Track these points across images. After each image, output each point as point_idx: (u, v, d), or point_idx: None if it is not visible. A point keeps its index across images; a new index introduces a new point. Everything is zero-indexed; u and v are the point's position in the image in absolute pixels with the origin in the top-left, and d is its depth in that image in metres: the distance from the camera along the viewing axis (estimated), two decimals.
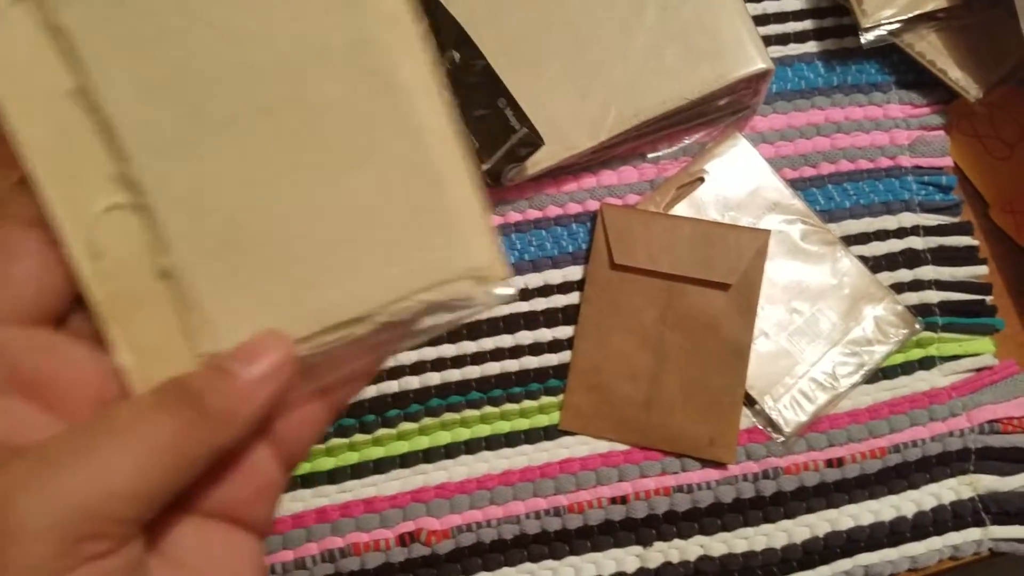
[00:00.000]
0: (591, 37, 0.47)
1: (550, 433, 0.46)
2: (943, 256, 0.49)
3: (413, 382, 0.46)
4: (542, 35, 0.47)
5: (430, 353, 0.47)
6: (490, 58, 0.46)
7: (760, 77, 0.46)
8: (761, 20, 0.52)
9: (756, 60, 0.45)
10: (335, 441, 0.45)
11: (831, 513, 0.45)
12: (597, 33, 0.47)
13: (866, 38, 0.48)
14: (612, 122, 0.46)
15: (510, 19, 0.47)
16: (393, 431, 0.46)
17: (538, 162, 0.46)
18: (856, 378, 0.46)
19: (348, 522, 0.44)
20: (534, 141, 0.45)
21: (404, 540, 0.44)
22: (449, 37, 0.47)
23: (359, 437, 0.45)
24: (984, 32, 0.49)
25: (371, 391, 0.46)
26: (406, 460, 0.45)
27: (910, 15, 0.48)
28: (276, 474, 0.23)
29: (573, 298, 0.48)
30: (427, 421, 0.46)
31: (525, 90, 0.46)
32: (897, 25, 0.48)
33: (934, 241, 0.49)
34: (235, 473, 0.22)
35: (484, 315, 0.47)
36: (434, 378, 0.46)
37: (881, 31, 0.48)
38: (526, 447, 0.46)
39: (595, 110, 0.46)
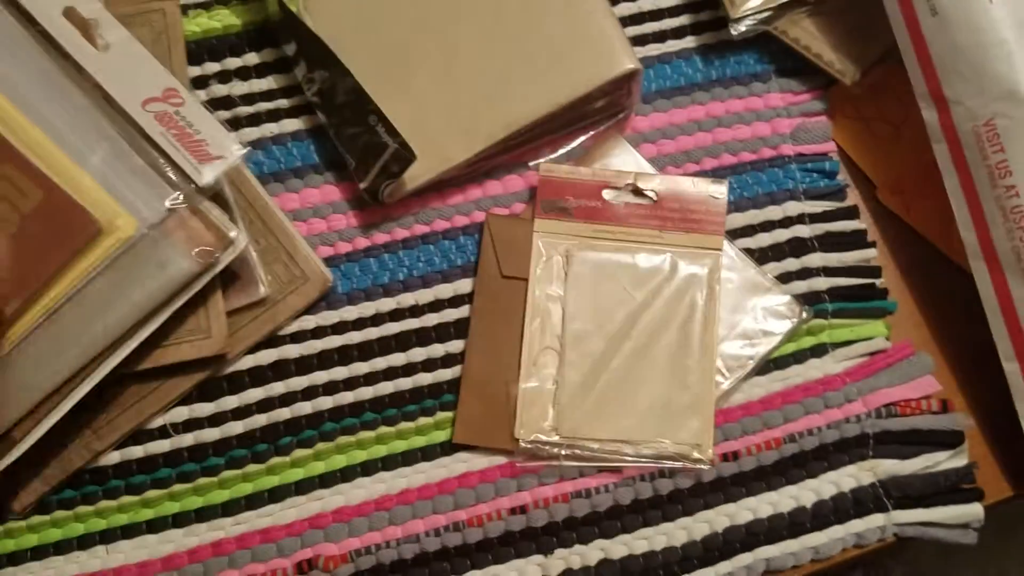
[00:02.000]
0: (458, 48, 0.47)
1: (447, 448, 0.46)
2: (830, 242, 0.49)
3: (305, 407, 0.46)
4: (409, 49, 0.47)
5: (321, 377, 0.46)
6: (358, 75, 0.46)
7: (630, 77, 0.46)
8: (636, 19, 0.51)
9: (624, 61, 0.45)
10: (227, 473, 0.45)
11: (729, 507, 0.45)
12: (464, 43, 0.47)
13: (737, 29, 0.48)
14: (486, 133, 0.46)
15: (376, 36, 0.47)
16: (287, 459, 0.45)
17: (416, 177, 0.46)
18: (747, 370, 0.46)
19: (244, 554, 0.44)
20: (406, 156, 0.45)
21: (302, 568, 0.44)
22: (316, 57, 0.47)
23: (252, 467, 0.45)
24: (856, 14, 0.49)
25: (262, 419, 0.46)
26: (301, 487, 0.45)
27: (779, 2, 0.48)
28: None
29: (465, 311, 0.48)
30: (321, 446, 0.46)
31: (396, 106, 0.46)
32: (767, 13, 0.48)
33: (820, 228, 0.49)
34: None
35: (374, 337, 0.47)
36: (327, 402, 0.46)
37: (751, 21, 0.48)
38: (424, 464, 0.46)
39: (468, 121, 0.46)
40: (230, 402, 0.46)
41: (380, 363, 0.47)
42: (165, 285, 0.40)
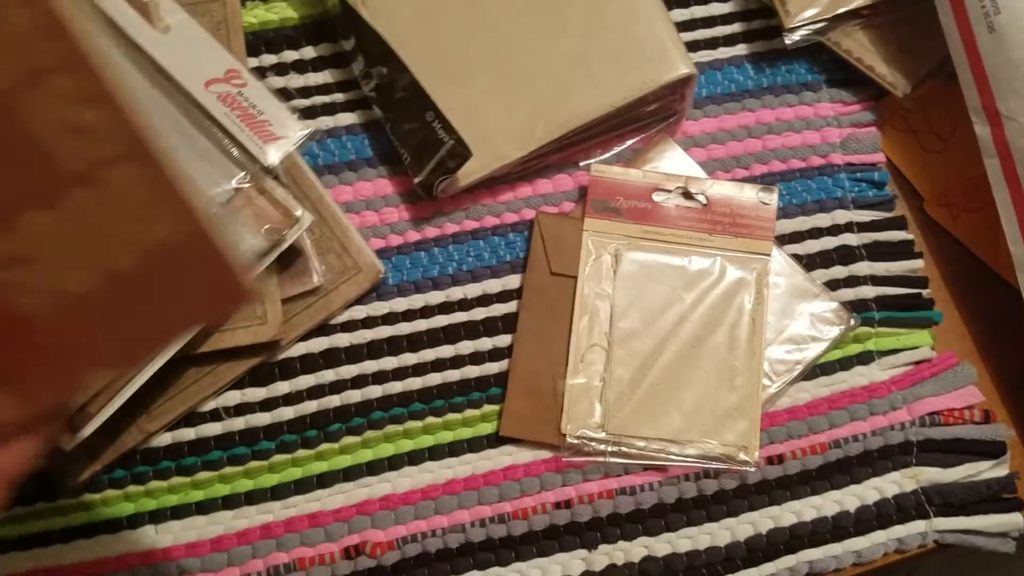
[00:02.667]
0: (516, 47, 0.47)
1: (493, 441, 0.46)
2: (878, 251, 0.49)
3: (355, 396, 0.46)
4: (468, 47, 0.48)
5: (371, 366, 0.47)
6: (417, 72, 0.47)
7: (684, 82, 0.47)
8: (689, 25, 0.52)
9: (679, 65, 0.46)
10: (277, 457, 0.46)
11: (773, 510, 0.45)
12: (522, 43, 0.47)
13: (791, 39, 0.49)
14: (541, 132, 0.46)
15: (435, 33, 0.48)
16: (335, 445, 0.46)
17: (469, 173, 0.47)
18: (793, 375, 0.46)
19: (293, 537, 0.44)
20: (462, 153, 0.45)
21: (349, 553, 0.44)
22: (374, 53, 0.47)
23: (302, 452, 0.46)
24: (910, 27, 0.50)
25: (312, 406, 0.46)
26: (349, 474, 0.46)
27: (834, 13, 0.49)
28: None
29: (512, 307, 0.48)
30: (370, 434, 0.46)
31: (453, 103, 0.47)
32: (822, 24, 0.49)
33: (868, 237, 0.49)
34: None
35: (423, 328, 0.48)
36: (375, 391, 0.47)
37: (805, 31, 0.49)
38: (469, 456, 0.46)
39: (523, 120, 0.47)
40: (281, 388, 0.46)
41: (429, 354, 0.47)
42: None
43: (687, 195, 0.48)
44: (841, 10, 0.48)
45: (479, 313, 0.48)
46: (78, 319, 0.25)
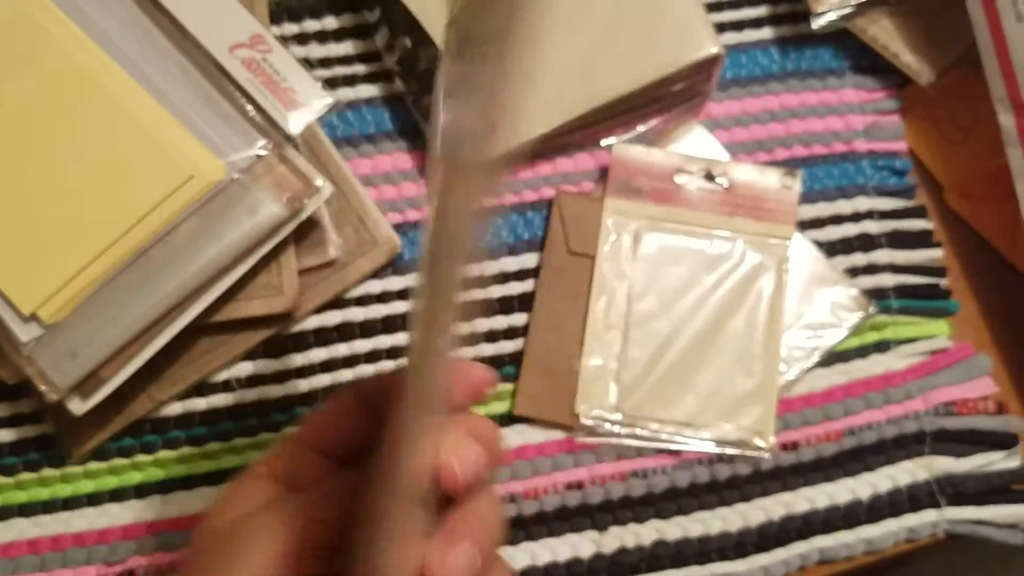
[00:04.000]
0: (543, 22, 0.47)
1: (506, 420, 0.46)
2: (898, 240, 0.49)
3: (368, 370, 0.46)
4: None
5: (385, 341, 0.47)
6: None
7: (712, 62, 0.46)
8: (715, 7, 0.52)
9: (707, 45, 0.46)
10: (289, 430, 0.45)
11: (786, 496, 0.45)
12: (548, 18, 0.47)
13: (818, 23, 0.49)
14: (564, 109, 0.46)
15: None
16: None
17: None
18: (810, 362, 0.46)
19: None
20: None
21: None
22: (400, 24, 0.47)
23: None
24: (936, 16, 0.49)
25: (326, 379, 0.46)
26: None
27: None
28: None
29: (529, 286, 0.48)
30: None
31: None
32: (849, 10, 0.49)
33: (889, 225, 0.49)
34: None
35: None
36: (389, 366, 0.46)
37: (833, 16, 0.48)
38: None
39: (547, 96, 0.46)
40: (295, 360, 0.46)
41: None
42: (255, 229, 0.40)
43: (709, 177, 0.47)
44: None
45: (496, 291, 0.48)
46: None
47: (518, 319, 0.47)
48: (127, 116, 0.41)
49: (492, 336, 0.47)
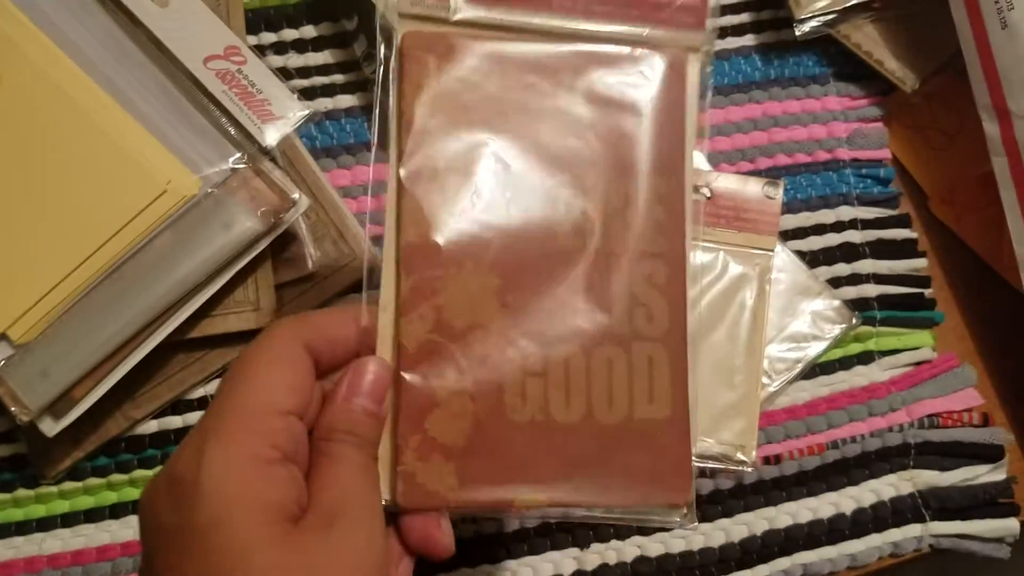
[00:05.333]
0: None
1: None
2: (882, 249, 0.48)
3: None
4: None
5: None
6: None
7: None
8: None
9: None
10: None
11: (769, 511, 0.45)
12: None
13: (801, 29, 0.48)
14: None
15: None
16: None
17: None
18: (793, 374, 0.46)
19: None
20: None
21: None
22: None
23: None
24: (920, 22, 0.49)
25: None
26: None
27: (845, 5, 0.48)
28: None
29: None
30: None
31: None
32: (832, 16, 0.48)
33: (872, 234, 0.49)
34: None
35: None
36: None
37: (816, 22, 0.48)
38: None
39: None
40: None
41: None
42: (230, 244, 0.40)
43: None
44: (852, 2, 0.47)
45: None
46: (545, 444, 0.30)
47: None
48: (100, 130, 0.40)
49: None
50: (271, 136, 0.41)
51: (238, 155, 0.41)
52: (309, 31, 0.50)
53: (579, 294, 0.31)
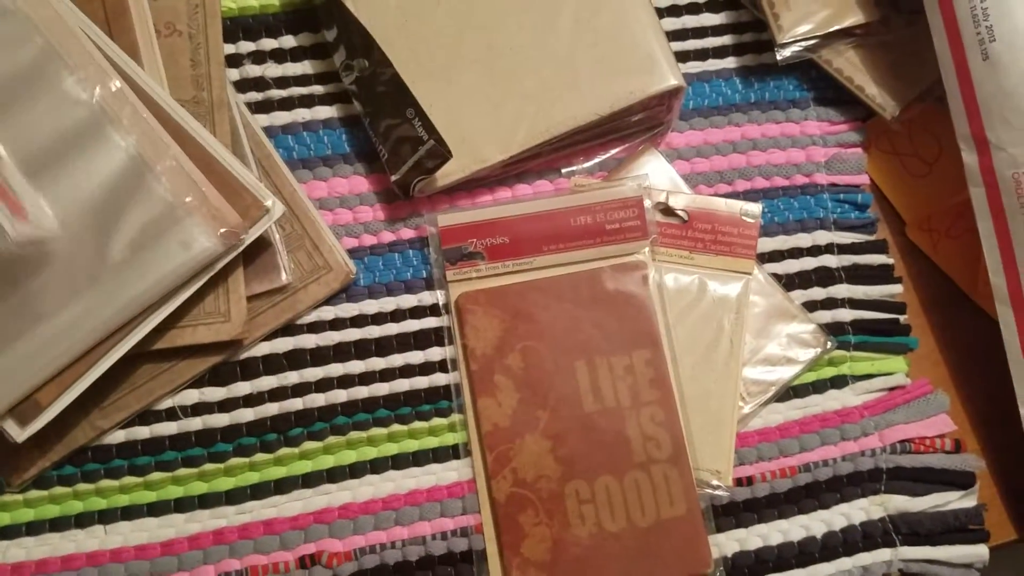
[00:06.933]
0: (505, 47, 0.46)
1: (458, 452, 0.45)
2: (857, 274, 0.49)
3: (318, 399, 0.45)
4: (453, 44, 0.46)
5: (337, 370, 0.46)
6: (399, 67, 0.45)
7: (672, 94, 0.45)
8: (680, 35, 0.51)
9: (668, 77, 0.45)
10: (234, 460, 0.44)
11: (740, 533, 0.45)
12: (511, 44, 0.46)
13: (782, 54, 0.48)
14: (523, 136, 0.45)
15: (421, 28, 0.46)
16: (296, 450, 0.44)
17: (448, 174, 0.45)
18: (767, 396, 0.46)
19: (246, 544, 0.43)
20: (442, 154, 0.44)
21: (305, 563, 0.43)
22: (357, 44, 0.46)
23: (260, 456, 0.44)
24: (901, 50, 0.49)
25: (274, 408, 0.45)
26: (309, 480, 0.44)
27: (827, 31, 0.48)
28: None
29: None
30: (332, 440, 0.45)
31: (435, 100, 0.45)
32: (814, 41, 0.48)
33: (848, 259, 0.49)
34: None
35: (393, 333, 0.46)
36: (340, 395, 0.45)
37: (797, 47, 0.48)
38: (434, 466, 0.45)
39: (507, 123, 0.45)
40: (242, 388, 0.45)
41: (397, 360, 0.46)
42: (188, 264, 0.39)
43: (667, 211, 0.47)
44: (834, 27, 0.48)
45: (451, 319, 0.47)
46: (602, 549, 0.42)
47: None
48: None
49: (446, 365, 0.46)
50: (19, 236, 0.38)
51: None
52: (289, 40, 0.49)
53: (607, 439, 0.43)
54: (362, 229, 0.47)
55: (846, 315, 0.48)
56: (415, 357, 0.46)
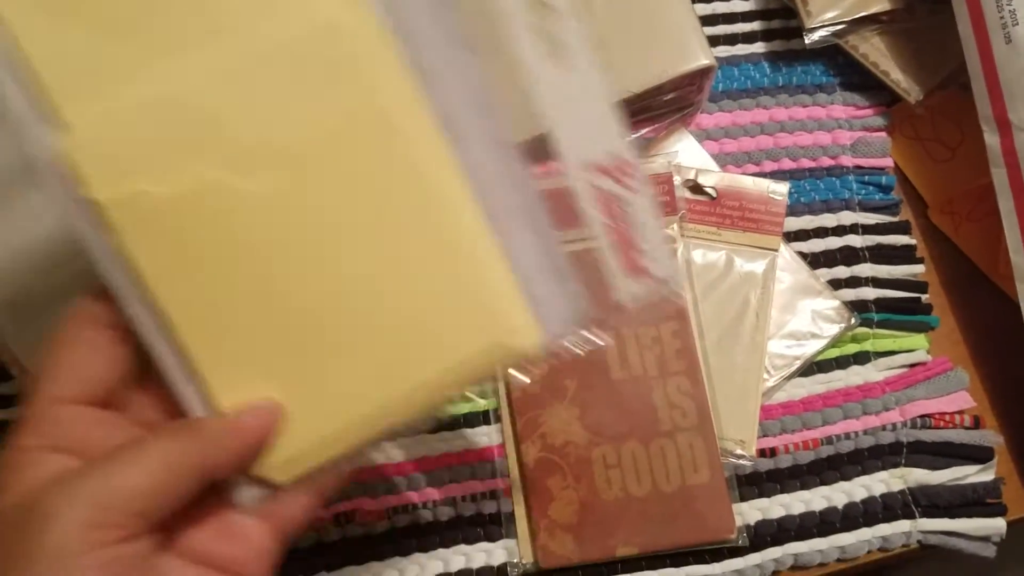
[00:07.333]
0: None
1: (490, 417, 0.47)
2: (881, 254, 0.50)
3: None
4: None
5: None
6: None
7: (704, 73, 0.47)
8: (710, 20, 0.53)
9: (700, 56, 0.46)
10: None
11: (763, 502, 0.46)
12: None
13: (810, 38, 0.50)
14: None
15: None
16: None
17: None
18: (791, 370, 0.47)
19: None
20: None
21: (339, 520, 0.44)
22: None
23: None
24: (926, 36, 0.50)
25: None
26: None
27: (854, 17, 0.49)
28: (268, 543, 0.29)
29: None
30: None
31: None
32: (841, 27, 0.50)
33: (872, 239, 0.50)
34: (234, 536, 0.28)
35: None
36: None
37: (825, 32, 0.49)
38: (465, 430, 0.46)
39: None
40: None
41: None
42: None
43: (696, 188, 0.48)
44: (861, 14, 0.49)
45: None
46: (628, 512, 0.44)
47: None
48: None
49: None
50: (627, 296, 0.29)
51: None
52: None
53: (633, 407, 0.45)
54: None
55: (870, 293, 0.49)
56: None
